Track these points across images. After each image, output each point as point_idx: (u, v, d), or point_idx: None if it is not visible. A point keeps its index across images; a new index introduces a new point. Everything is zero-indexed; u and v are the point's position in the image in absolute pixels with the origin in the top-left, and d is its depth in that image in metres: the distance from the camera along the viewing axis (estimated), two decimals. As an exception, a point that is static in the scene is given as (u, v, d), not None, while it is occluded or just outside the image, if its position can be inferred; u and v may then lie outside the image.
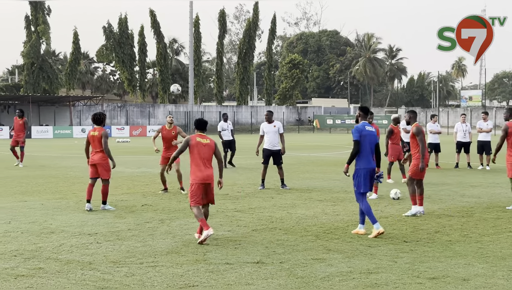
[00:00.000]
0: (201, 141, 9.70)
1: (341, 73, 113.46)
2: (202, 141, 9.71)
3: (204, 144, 9.69)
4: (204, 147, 9.67)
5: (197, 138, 9.74)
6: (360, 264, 7.92)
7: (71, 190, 15.90)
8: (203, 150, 9.65)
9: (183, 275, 7.39)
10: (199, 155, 9.61)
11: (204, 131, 9.97)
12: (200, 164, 9.59)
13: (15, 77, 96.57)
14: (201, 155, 9.62)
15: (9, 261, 8.03)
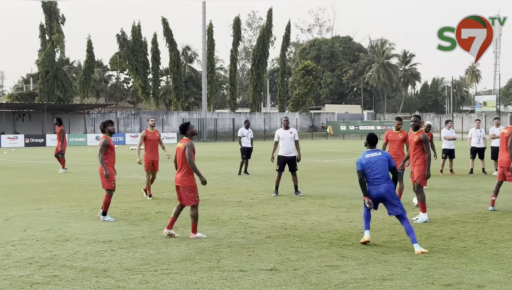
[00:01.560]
0: (179, 146, 10.41)
1: (354, 79, 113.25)
2: (179, 146, 10.41)
3: (179, 149, 10.40)
4: (178, 151, 10.39)
5: (179, 144, 10.48)
6: (374, 271, 7.89)
7: (86, 198, 15.98)
8: (177, 154, 10.41)
9: (197, 282, 7.40)
10: (177, 158, 10.43)
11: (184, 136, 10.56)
12: (177, 167, 10.43)
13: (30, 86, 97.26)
14: (176, 159, 10.42)
15: (25, 269, 8.08)
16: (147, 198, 15.51)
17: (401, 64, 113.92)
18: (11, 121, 67.82)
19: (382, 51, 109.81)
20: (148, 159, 15.68)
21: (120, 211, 13.40)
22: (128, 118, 75.99)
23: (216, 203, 14.69)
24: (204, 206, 14.19)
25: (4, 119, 64.28)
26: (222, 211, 13.27)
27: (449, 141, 22.39)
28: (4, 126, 64.80)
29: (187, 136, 10.44)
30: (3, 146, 56.68)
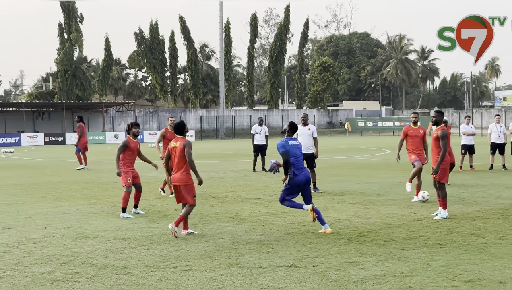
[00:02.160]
0: (175, 145, 10.28)
1: (372, 75, 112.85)
2: (175, 145, 10.29)
3: (175, 148, 10.26)
4: (174, 151, 10.27)
5: (172, 143, 10.37)
6: (394, 267, 7.86)
7: (105, 195, 16.07)
8: (173, 154, 10.31)
9: (216, 279, 7.42)
10: (173, 158, 10.33)
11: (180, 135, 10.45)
12: (173, 166, 10.33)
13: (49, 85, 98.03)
14: (173, 158, 10.31)
15: (46, 266, 8.15)
16: (168, 195, 15.53)
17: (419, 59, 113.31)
18: (31, 120, 68.40)
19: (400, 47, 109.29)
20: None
21: (140, 208, 13.45)
22: (146, 116, 76.30)
23: (234, 200, 14.71)
24: (222, 203, 14.23)
25: (24, 118, 64.83)
26: (241, 208, 13.29)
27: (468, 137, 22.23)
28: (24, 125, 65.36)
29: (183, 135, 10.41)
30: (23, 144, 57.18)
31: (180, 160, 10.17)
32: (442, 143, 11.83)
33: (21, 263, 8.31)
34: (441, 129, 11.95)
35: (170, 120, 16.06)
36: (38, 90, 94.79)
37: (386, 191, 16.14)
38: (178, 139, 10.31)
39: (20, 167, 27.59)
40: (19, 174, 23.15)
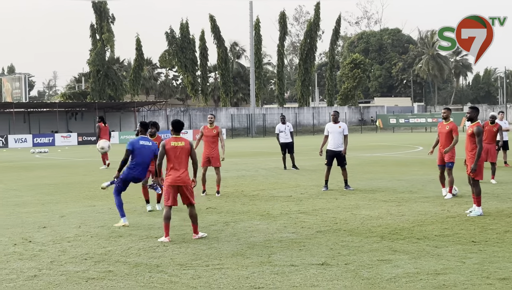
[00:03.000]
0: (177, 145, 9.90)
1: (403, 71, 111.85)
2: (177, 144, 9.92)
3: (179, 147, 9.90)
4: (180, 150, 9.88)
5: (172, 142, 9.93)
6: (427, 265, 7.80)
7: (138, 194, 16.16)
8: (177, 153, 9.86)
9: (248, 277, 7.44)
10: (174, 158, 9.86)
11: (179, 134, 10.15)
12: (174, 166, 9.83)
13: (81, 85, 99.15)
14: (173, 158, 9.86)
15: (80, 265, 8.26)
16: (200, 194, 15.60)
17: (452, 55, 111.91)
18: (64, 120, 69.25)
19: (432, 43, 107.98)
20: (205, 155, 15.70)
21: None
22: (177, 115, 76.68)
23: (266, 198, 14.72)
24: (254, 201, 14.25)
25: (58, 118, 65.66)
26: (272, 206, 13.29)
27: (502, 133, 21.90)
28: (58, 125, 66.19)
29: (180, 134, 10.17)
30: (57, 144, 57.93)
31: (184, 160, 9.89)
32: (478, 140, 11.66)
33: (56, 262, 8.43)
34: (477, 126, 11.77)
35: (209, 117, 16.06)
36: (71, 90, 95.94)
37: (419, 188, 16.00)
38: (181, 139, 10.01)
39: (54, 167, 27.96)
40: (53, 174, 23.47)
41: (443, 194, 14.25)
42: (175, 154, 9.85)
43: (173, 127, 10.09)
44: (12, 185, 19.66)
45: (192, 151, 10.04)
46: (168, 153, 9.87)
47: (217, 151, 15.65)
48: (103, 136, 25.17)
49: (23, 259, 8.67)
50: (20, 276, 7.71)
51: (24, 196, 16.40)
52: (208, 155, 15.60)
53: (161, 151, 9.93)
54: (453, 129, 14.10)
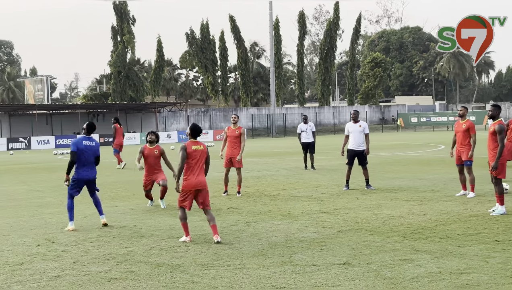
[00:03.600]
0: (197, 148, 9.84)
1: (425, 70, 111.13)
2: (197, 148, 9.85)
3: (199, 151, 9.84)
4: (199, 153, 9.83)
5: (192, 145, 9.84)
6: (450, 264, 7.74)
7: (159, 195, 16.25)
8: (197, 157, 9.81)
9: (270, 277, 7.44)
10: (194, 161, 9.78)
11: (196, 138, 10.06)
12: (193, 170, 9.76)
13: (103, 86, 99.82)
14: (195, 161, 9.79)
15: (103, 265, 8.31)
16: (222, 194, 15.63)
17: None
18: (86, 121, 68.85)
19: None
20: (227, 155, 15.71)
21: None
22: (198, 115, 76.92)
23: (287, 198, 14.71)
24: (275, 201, 14.24)
25: (80, 119, 66.15)
26: (293, 206, 13.28)
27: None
28: (80, 126, 66.63)
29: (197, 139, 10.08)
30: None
31: (202, 164, 9.88)
32: (500, 138, 11.54)
33: (79, 262, 8.49)
34: (499, 124, 11.66)
35: (232, 117, 16.03)
36: (92, 92, 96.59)
37: (441, 187, 15.90)
38: (198, 143, 9.93)
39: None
40: (76, 175, 23.61)
41: (456, 194, 14.13)
42: (196, 158, 9.80)
43: (191, 132, 9.98)
44: (35, 186, 19.85)
45: (208, 155, 10.06)
46: (189, 156, 9.77)
47: (239, 151, 15.62)
48: (119, 137, 25.57)
49: (47, 259, 8.75)
50: (43, 276, 7.78)
51: (47, 197, 16.55)
52: (230, 155, 15.57)
53: (183, 154, 9.72)
54: (470, 128, 13.98)
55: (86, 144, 11.27)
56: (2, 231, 11.13)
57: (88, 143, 11.30)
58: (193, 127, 10.01)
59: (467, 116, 14.39)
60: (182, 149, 9.77)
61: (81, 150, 11.17)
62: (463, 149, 13.99)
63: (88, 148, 11.26)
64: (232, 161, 15.55)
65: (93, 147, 11.34)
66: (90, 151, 11.28)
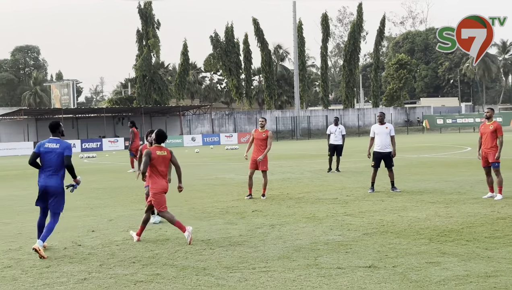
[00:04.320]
0: (160, 154, 10.21)
1: (450, 71, 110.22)
2: (161, 153, 10.23)
3: (162, 156, 10.22)
4: (161, 159, 10.21)
5: (157, 151, 10.21)
6: (477, 267, 7.65)
7: (184, 198, 16.30)
8: (162, 162, 10.23)
9: (295, 280, 7.42)
10: (158, 166, 10.18)
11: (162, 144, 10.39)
12: (159, 175, 10.23)
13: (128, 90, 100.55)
14: (158, 166, 10.18)
15: (129, 268, 8.36)
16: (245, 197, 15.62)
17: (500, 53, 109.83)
18: (111, 125, 70.33)
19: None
20: (253, 158, 15.71)
21: (217, 210, 13.62)
22: (222, 118, 77.13)
23: (311, 201, 14.67)
24: (299, 203, 14.21)
25: (105, 123, 66.70)
26: (318, 208, 13.24)
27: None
28: (105, 130, 67.22)
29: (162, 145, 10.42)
30: (105, 149, 58.83)
31: (166, 169, 10.36)
32: None
33: (105, 265, 8.55)
34: None
35: (260, 120, 16.01)
36: (117, 95, 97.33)
37: (468, 189, 15.74)
38: (162, 148, 10.30)
39: (101, 171, 28.40)
40: (101, 178, 23.83)
41: (483, 196, 13.99)
42: (159, 163, 10.20)
43: (157, 138, 10.31)
44: (61, 189, 20.01)
45: (173, 158, 10.36)
46: (153, 161, 10.13)
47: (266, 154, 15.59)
48: (136, 140, 25.83)
49: (73, 262, 8.82)
50: (70, 279, 7.85)
51: (74, 201, 16.69)
52: (256, 158, 15.55)
53: (147, 160, 10.08)
54: (498, 129, 13.87)
55: (48, 146, 9.60)
56: (30, 234, 11.25)
57: (50, 145, 9.62)
58: (158, 133, 10.34)
59: (494, 118, 14.27)
60: (146, 154, 10.10)
61: (42, 152, 9.61)
62: (490, 151, 13.86)
63: (51, 150, 9.57)
64: (257, 163, 15.53)
65: (56, 149, 9.56)
66: (52, 154, 9.56)
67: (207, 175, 23.35)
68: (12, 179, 25.15)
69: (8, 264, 8.79)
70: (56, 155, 9.58)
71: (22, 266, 8.67)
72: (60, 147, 9.63)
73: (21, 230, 11.81)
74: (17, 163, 39.97)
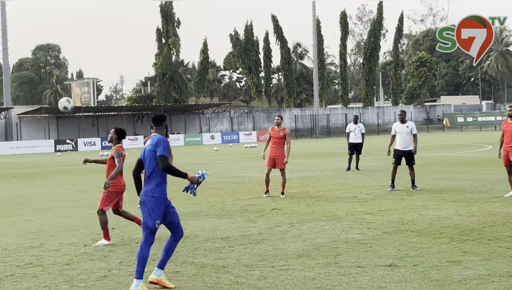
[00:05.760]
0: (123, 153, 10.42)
1: (471, 69, 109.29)
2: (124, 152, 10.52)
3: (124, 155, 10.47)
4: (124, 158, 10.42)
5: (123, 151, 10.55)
6: (499, 266, 7.57)
7: (204, 196, 16.35)
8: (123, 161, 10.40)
9: (314, 278, 7.39)
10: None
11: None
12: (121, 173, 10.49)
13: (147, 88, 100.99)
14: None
15: (148, 265, 8.35)
16: (263, 195, 15.61)
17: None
18: (131, 123, 70.69)
19: (501, 39, 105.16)
20: (270, 156, 15.68)
21: (237, 208, 13.63)
22: (241, 116, 77.17)
23: (331, 199, 14.62)
24: (319, 202, 14.18)
25: (125, 121, 67.05)
26: (338, 207, 13.19)
27: None
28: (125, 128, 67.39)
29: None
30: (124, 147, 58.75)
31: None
32: None
33: (125, 263, 8.58)
34: None
35: (276, 118, 15.98)
36: (137, 94, 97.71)
37: (489, 188, 15.60)
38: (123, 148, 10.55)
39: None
40: (121, 176, 23.90)
41: (505, 195, 13.86)
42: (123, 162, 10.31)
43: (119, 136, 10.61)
44: (82, 187, 20.17)
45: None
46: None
47: (283, 152, 15.56)
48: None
49: (94, 259, 8.86)
50: (90, 276, 7.89)
51: (94, 198, 16.77)
52: (273, 156, 15.53)
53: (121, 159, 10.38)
54: None
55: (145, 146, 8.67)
56: (51, 232, 11.33)
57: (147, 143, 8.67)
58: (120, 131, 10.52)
59: None
60: (120, 155, 10.53)
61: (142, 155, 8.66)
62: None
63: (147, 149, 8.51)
64: (275, 161, 15.50)
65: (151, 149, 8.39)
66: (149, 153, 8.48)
67: (226, 173, 23.37)
68: (33, 177, 25.36)
69: (29, 261, 8.85)
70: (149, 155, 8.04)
71: (42, 263, 8.73)
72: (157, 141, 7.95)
73: (42, 228, 11.90)
74: (37, 161, 40.34)
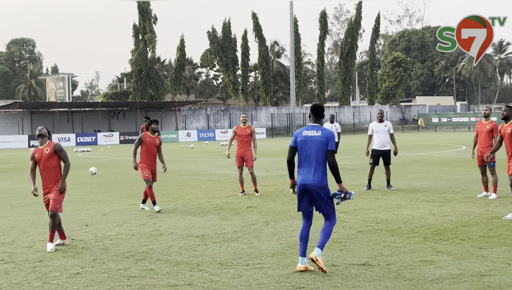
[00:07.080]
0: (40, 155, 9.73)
1: (446, 70, 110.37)
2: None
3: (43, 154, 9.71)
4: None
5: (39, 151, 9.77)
6: (471, 266, 7.64)
7: (178, 193, 16.30)
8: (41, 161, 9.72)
9: (289, 276, 7.40)
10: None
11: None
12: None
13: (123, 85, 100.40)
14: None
15: (122, 263, 8.32)
16: (238, 194, 15.59)
17: (496, 53, 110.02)
18: (106, 119, 70.24)
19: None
20: (239, 155, 15.66)
21: (212, 205, 13.60)
22: (217, 114, 77.06)
23: (306, 198, 14.61)
24: (294, 200, 14.05)
25: (100, 117, 66.60)
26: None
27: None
28: (100, 124, 67.11)
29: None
30: (100, 143, 58.71)
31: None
32: None
33: (99, 260, 8.51)
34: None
35: (242, 116, 16.00)
36: (113, 90, 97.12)
37: (462, 188, 15.75)
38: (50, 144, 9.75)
39: (96, 165, 28.26)
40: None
41: (478, 196, 14.00)
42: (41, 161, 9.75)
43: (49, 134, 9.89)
44: (56, 183, 19.93)
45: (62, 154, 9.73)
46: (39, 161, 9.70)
47: (251, 150, 15.57)
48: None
49: (66, 256, 8.78)
50: (63, 273, 7.81)
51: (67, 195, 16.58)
52: (242, 154, 15.50)
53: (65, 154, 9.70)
54: (494, 129, 13.81)
55: (306, 134, 8.02)
56: (23, 228, 11.21)
57: (310, 133, 8.01)
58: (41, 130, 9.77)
59: (491, 117, 14.27)
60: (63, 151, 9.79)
61: (300, 142, 8.05)
62: (486, 150, 13.81)
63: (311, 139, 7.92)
64: (244, 160, 15.48)
65: (319, 137, 7.91)
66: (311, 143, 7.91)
67: (202, 171, 23.32)
68: (6, 173, 25.08)
69: (1, 258, 8.75)
70: (317, 145, 7.78)
71: (14, 259, 8.63)
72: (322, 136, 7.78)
73: (14, 224, 11.77)
74: (11, 156, 39.89)
